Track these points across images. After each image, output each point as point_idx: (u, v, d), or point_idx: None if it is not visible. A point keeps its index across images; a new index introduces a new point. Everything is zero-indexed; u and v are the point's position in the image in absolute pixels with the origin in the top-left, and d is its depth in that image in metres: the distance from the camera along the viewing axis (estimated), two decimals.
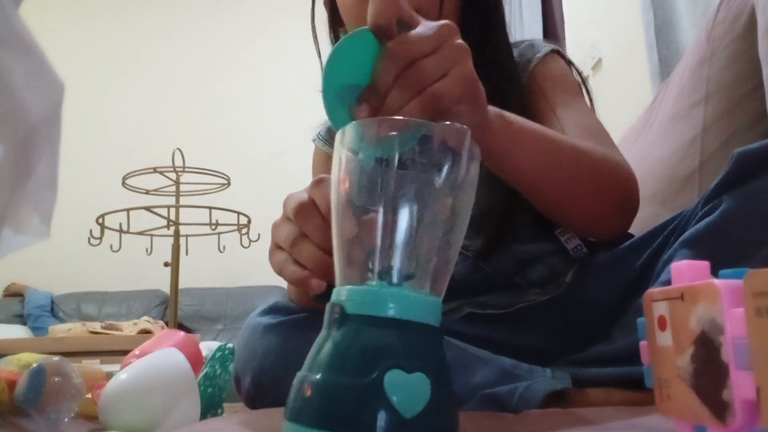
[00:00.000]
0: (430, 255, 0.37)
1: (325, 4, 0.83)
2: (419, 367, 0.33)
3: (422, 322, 0.35)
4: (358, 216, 0.37)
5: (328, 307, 0.37)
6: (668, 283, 0.34)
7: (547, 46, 0.79)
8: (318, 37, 0.85)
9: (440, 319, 0.36)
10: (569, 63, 0.80)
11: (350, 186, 0.38)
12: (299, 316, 0.61)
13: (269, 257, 0.52)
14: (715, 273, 0.33)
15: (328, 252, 0.43)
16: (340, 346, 0.34)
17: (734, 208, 0.51)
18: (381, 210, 0.36)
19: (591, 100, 0.82)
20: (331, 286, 0.39)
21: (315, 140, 0.88)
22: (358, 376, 0.32)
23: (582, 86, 0.80)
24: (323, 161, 0.87)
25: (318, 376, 0.33)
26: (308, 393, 0.33)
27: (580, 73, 0.82)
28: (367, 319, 0.34)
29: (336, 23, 0.83)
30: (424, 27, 0.43)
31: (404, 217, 0.36)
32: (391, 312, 0.34)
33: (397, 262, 0.36)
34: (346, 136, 0.39)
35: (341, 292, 0.36)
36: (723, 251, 0.51)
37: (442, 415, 0.34)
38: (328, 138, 0.87)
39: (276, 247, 0.51)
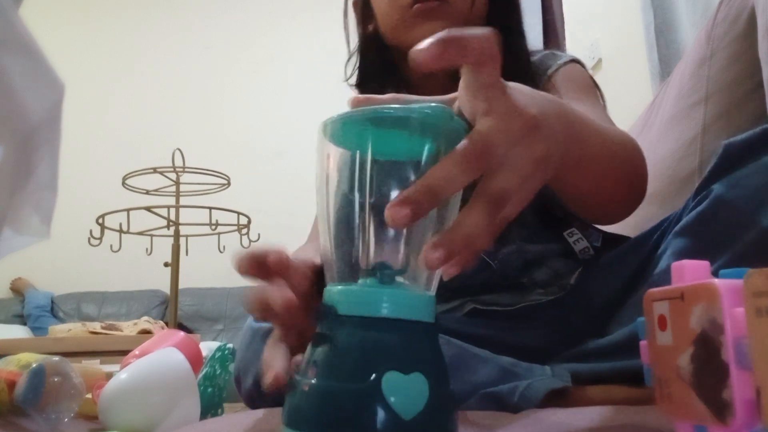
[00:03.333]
0: (421, 249, 0.35)
1: (355, 5, 0.87)
2: (417, 368, 0.32)
3: (417, 319, 0.34)
4: (347, 213, 0.36)
5: (320, 307, 0.35)
6: (666, 271, 0.34)
7: (568, 56, 0.82)
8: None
9: (434, 314, 0.35)
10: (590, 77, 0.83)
11: (340, 181, 0.37)
12: None
13: None
14: (706, 256, 0.33)
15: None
16: (336, 350, 0.33)
17: (722, 194, 0.53)
18: (371, 205, 0.35)
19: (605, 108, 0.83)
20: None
21: None
22: (355, 380, 0.32)
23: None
24: None
25: (314, 381, 0.33)
26: (305, 398, 0.33)
27: (596, 84, 0.84)
28: (360, 320, 0.34)
29: (367, 21, 0.85)
30: (503, 121, 0.35)
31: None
32: (384, 311, 0.33)
33: (388, 258, 0.35)
34: (334, 131, 0.37)
35: (333, 293, 0.35)
36: (712, 236, 0.52)
37: (442, 413, 0.33)
38: None
39: None
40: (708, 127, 1.00)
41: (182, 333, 0.86)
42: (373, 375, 0.32)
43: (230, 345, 0.84)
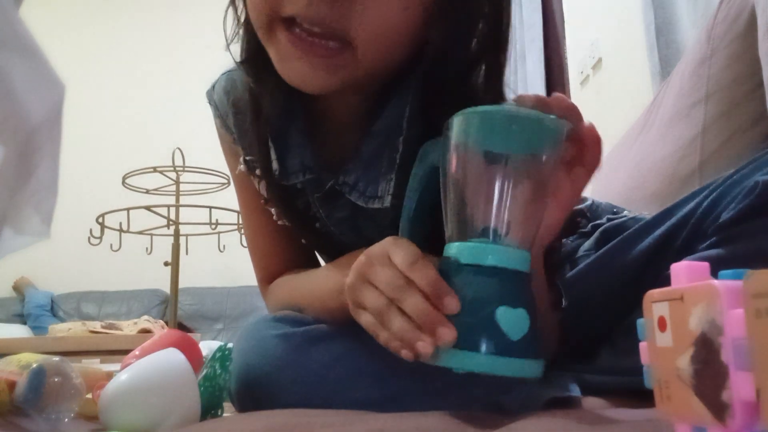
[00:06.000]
0: (518, 218, 0.46)
1: None
2: (521, 305, 0.43)
3: (516, 269, 0.44)
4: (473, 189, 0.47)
5: (444, 260, 0.46)
6: None
7: None
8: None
9: (529, 267, 0.45)
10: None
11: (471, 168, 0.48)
12: (311, 328, 0.60)
13: (355, 316, 0.50)
14: None
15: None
16: (461, 292, 0.44)
17: (763, 242, 0.50)
18: (493, 186, 0.45)
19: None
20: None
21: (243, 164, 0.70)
22: (476, 314, 0.43)
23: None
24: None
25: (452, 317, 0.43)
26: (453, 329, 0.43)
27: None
28: (476, 268, 0.44)
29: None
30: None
31: (505, 193, 0.46)
32: (493, 261, 0.44)
33: (494, 223, 0.45)
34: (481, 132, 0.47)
35: (453, 248, 0.46)
36: None
37: (537, 338, 0.44)
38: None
39: (358, 307, 0.49)
40: (708, 126, 1.00)
41: (182, 333, 0.86)
42: (489, 309, 0.43)
43: (230, 345, 0.84)
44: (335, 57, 0.52)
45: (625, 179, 1.26)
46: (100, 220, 2.22)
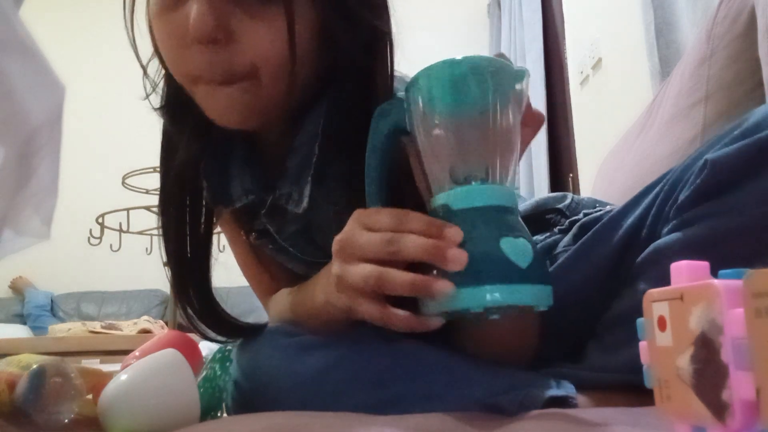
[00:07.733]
0: (498, 161, 0.47)
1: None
2: (520, 235, 0.44)
3: (507, 205, 0.46)
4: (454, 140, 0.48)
5: (433, 212, 0.47)
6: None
7: None
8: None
9: (516, 203, 0.47)
10: None
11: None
12: (306, 338, 0.60)
13: (335, 294, 0.50)
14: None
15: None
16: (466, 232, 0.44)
17: (720, 222, 0.49)
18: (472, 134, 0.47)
19: None
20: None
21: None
22: (481, 249, 0.44)
23: None
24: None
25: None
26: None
27: None
28: (469, 210, 0.45)
29: None
30: None
31: (483, 139, 0.47)
32: (483, 201, 0.45)
33: (480, 169, 0.46)
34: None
35: (441, 198, 0.47)
36: (714, 267, 0.49)
37: (543, 265, 0.46)
38: None
39: (342, 284, 0.49)
40: (708, 126, 1.00)
41: (182, 333, 0.86)
42: (492, 241, 0.43)
43: (230, 346, 0.84)
44: (243, 96, 0.58)
45: (625, 179, 1.26)
46: (100, 220, 2.22)
